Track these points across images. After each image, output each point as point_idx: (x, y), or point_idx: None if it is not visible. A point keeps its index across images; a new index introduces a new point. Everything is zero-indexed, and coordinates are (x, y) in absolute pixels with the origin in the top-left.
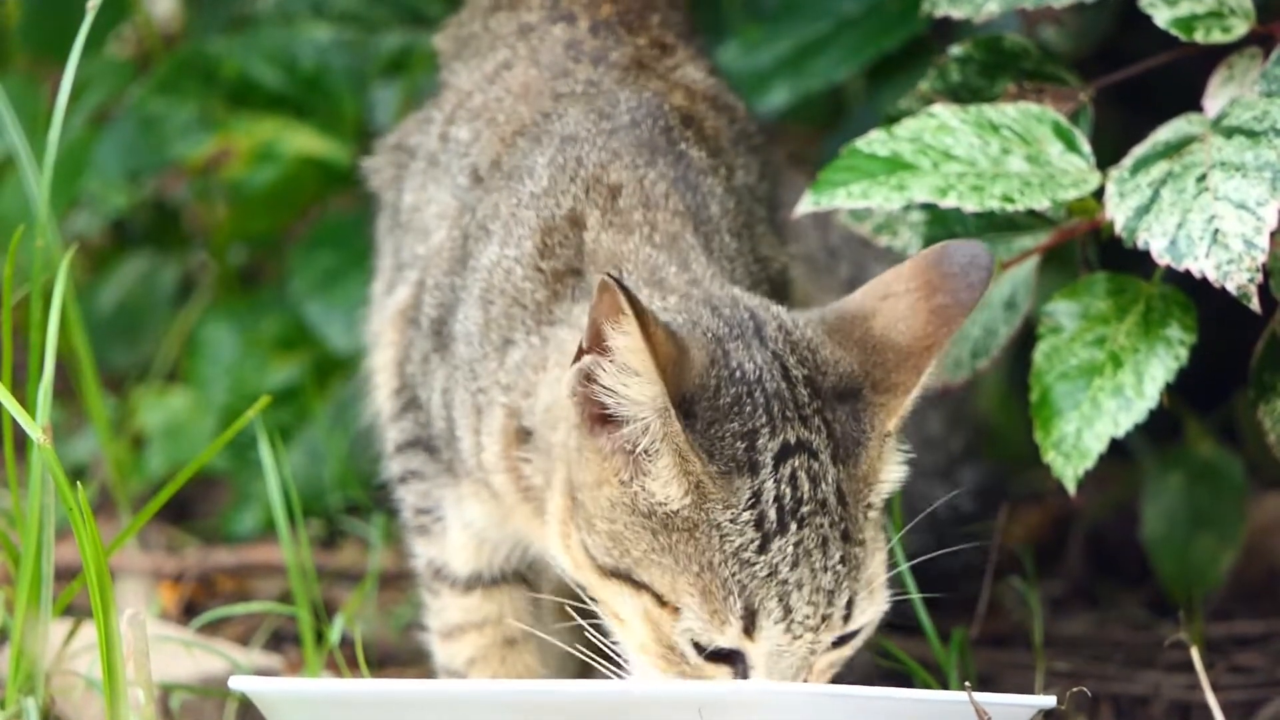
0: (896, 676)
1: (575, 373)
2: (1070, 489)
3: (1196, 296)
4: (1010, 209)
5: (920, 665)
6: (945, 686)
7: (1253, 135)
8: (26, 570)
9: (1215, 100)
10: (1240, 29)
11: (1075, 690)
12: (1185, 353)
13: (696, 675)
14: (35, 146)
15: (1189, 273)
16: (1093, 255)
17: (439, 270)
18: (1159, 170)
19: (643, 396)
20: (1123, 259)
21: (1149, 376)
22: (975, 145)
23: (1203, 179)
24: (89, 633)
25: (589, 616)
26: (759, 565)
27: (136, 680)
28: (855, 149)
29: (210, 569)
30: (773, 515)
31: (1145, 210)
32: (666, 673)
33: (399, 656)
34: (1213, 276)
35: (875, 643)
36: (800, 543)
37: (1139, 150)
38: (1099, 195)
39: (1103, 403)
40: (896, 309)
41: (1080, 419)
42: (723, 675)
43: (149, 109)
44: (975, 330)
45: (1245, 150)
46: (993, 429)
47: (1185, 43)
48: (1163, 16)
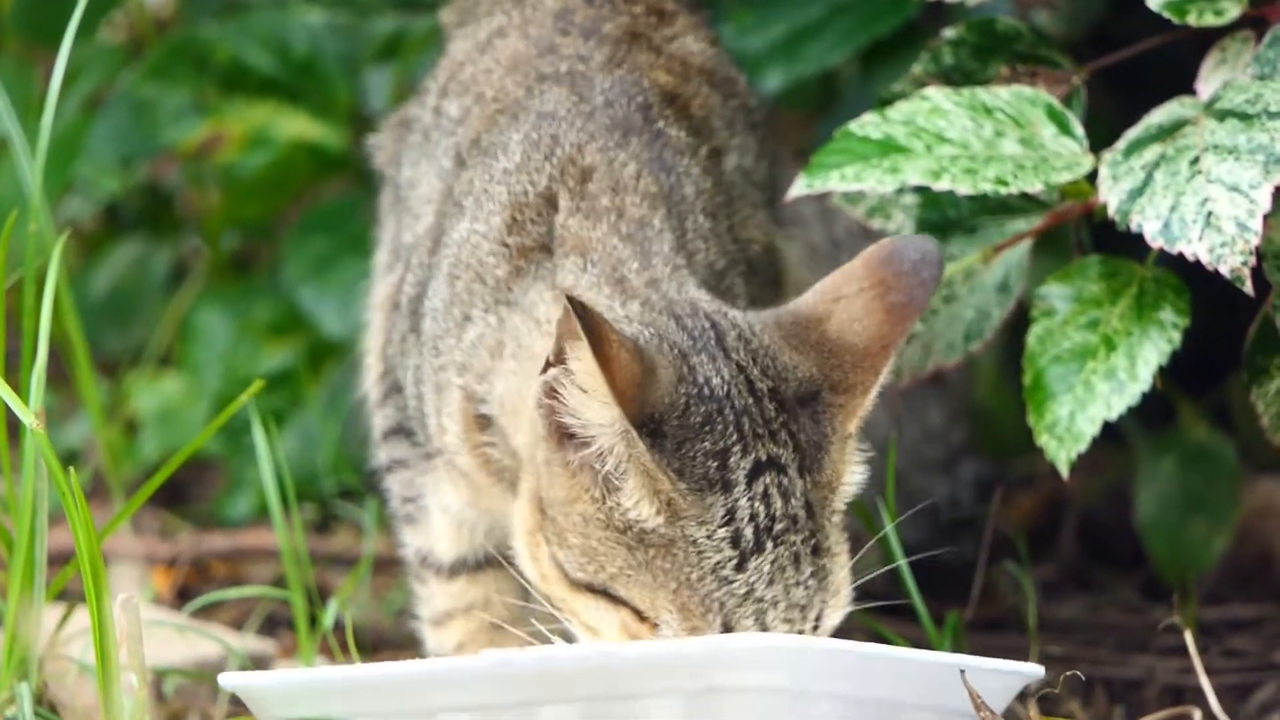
0: None
1: (541, 385)
2: (1063, 472)
3: (1190, 279)
4: (1003, 192)
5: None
6: None
7: (1246, 118)
8: (20, 555)
9: (1208, 83)
10: (1233, 12)
11: (1068, 674)
12: (1178, 336)
13: None
14: (28, 132)
15: (1182, 256)
16: (1086, 238)
17: (423, 250)
18: (1152, 153)
19: (603, 419)
20: (1116, 242)
21: (1142, 359)
22: (968, 128)
23: (1196, 162)
24: (82, 618)
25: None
26: (737, 584)
27: (130, 665)
28: (848, 132)
29: (204, 554)
30: (749, 534)
31: (1138, 193)
32: None
33: (392, 641)
34: (1206, 259)
35: (869, 627)
36: (776, 560)
37: (1132, 133)
38: (1092, 178)
39: (1096, 386)
40: (851, 309)
41: (1073, 402)
42: None
43: (142, 94)
44: (968, 313)
45: (1238, 133)
46: (986, 413)
47: (1178, 26)
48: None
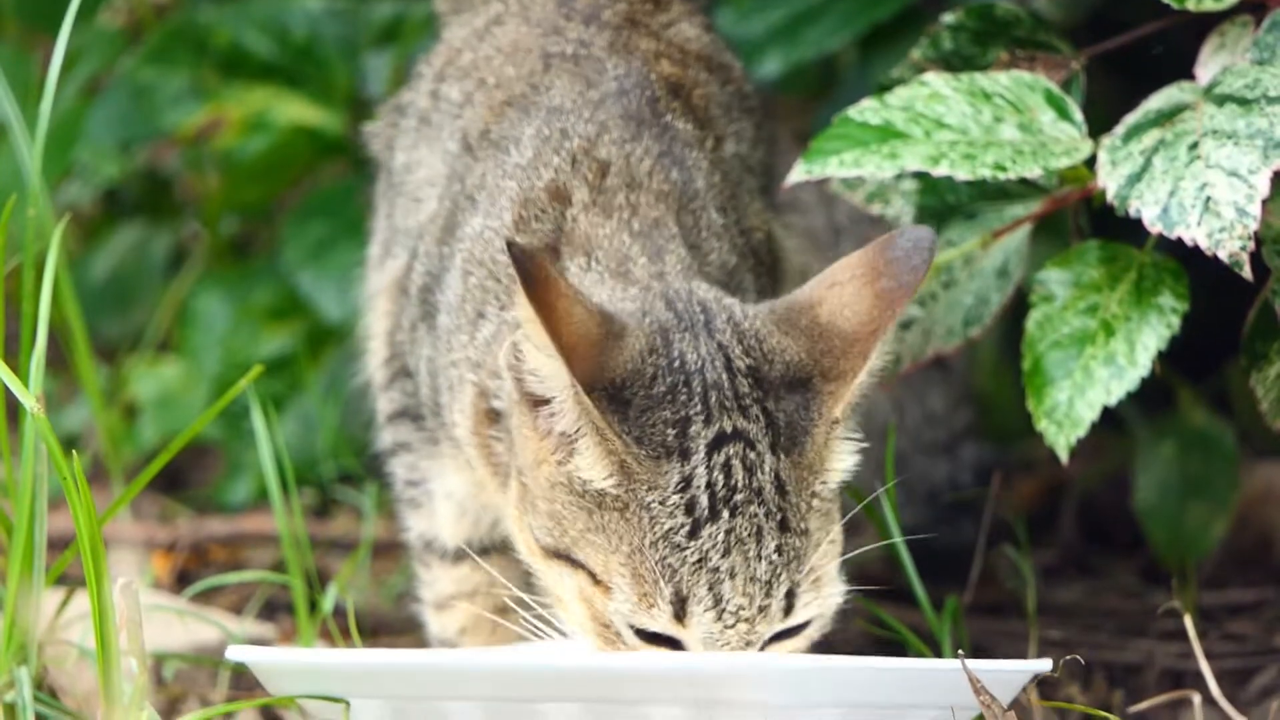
0: (889, 645)
1: (509, 346)
2: (1062, 457)
3: (1188, 264)
4: (1002, 177)
5: (913, 634)
6: (938, 655)
7: (1244, 103)
8: (20, 539)
9: (1207, 68)
10: None
11: (1068, 658)
12: (1177, 321)
13: None
14: (27, 116)
15: (1181, 241)
16: (1085, 223)
17: (430, 238)
18: (1151, 138)
19: (552, 372)
20: (1115, 227)
21: (1141, 345)
22: (967, 113)
23: (1195, 147)
24: (82, 602)
25: None
26: (689, 550)
27: (129, 649)
28: (847, 117)
29: (203, 538)
30: (704, 502)
31: (1137, 178)
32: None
33: (392, 625)
34: (1205, 244)
35: (868, 611)
36: (732, 530)
37: (1131, 118)
38: (1091, 163)
39: (1095, 371)
40: (842, 295)
41: (1072, 387)
42: None
43: (141, 79)
44: (968, 299)
45: (1237, 118)
46: (986, 399)
47: (1177, 11)
48: None
